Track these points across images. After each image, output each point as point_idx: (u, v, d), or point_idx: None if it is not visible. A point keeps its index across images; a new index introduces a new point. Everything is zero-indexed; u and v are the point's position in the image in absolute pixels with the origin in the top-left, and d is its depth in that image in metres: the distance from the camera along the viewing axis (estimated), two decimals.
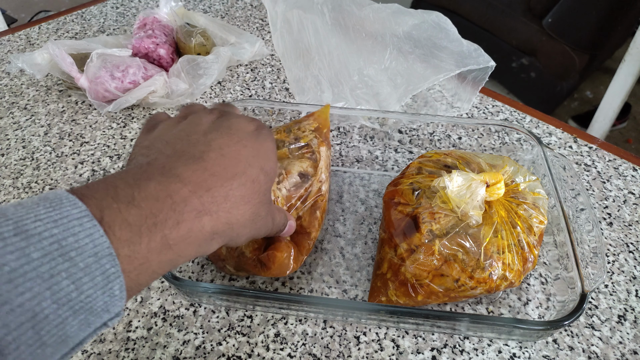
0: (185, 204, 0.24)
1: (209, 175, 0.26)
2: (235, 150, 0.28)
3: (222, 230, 0.27)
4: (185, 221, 0.24)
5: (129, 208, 0.22)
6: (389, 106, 0.58)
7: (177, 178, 0.25)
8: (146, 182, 0.24)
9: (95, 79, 0.62)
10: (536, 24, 1.75)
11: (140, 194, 0.23)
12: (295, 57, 0.61)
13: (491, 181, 0.38)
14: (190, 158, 0.27)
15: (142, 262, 0.23)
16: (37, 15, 1.36)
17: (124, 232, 0.22)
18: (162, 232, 0.23)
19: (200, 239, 0.25)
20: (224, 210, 0.26)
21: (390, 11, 0.60)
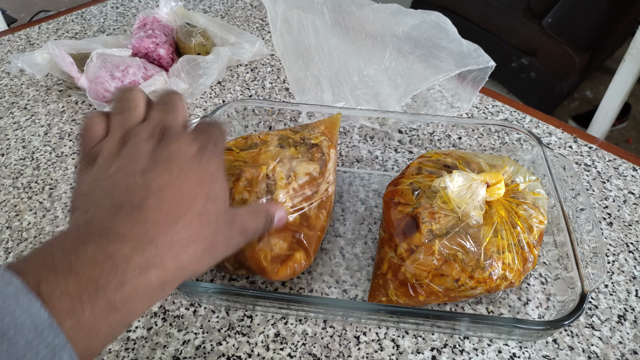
0: (127, 263, 0.23)
1: (150, 226, 0.25)
2: (176, 188, 0.27)
3: (172, 277, 0.26)
4: (129, 280, 0.23)
5: (67, 277, 0.22)
6: (389, 106, 0.58)
7: (116, 237, 0.24)
8: (83, 247, 0.23)
9: (95, 79, 0.62)
10: (536, 24, 1.75)
11: (78, 261, 0.22)
12: (295, 57, 0.61)
13: (491, 181, 0.38)
14: (129, 210, 0.25)
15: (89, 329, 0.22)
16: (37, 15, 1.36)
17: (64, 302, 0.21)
18: (106, 296, 0.22)
19: (149, 293, 0.24)
20: (170, 257, 0.25)
21: (390, 11, 0.60)
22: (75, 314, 0.21)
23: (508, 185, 0.40)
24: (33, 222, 0.50)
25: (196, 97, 0.67)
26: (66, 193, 0.54)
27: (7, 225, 0.50)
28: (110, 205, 0.26)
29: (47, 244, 0.23)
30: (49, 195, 0.53)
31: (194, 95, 0.66)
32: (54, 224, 0.50)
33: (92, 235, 0.24)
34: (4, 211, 0.52)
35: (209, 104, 0.67)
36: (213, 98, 0.68)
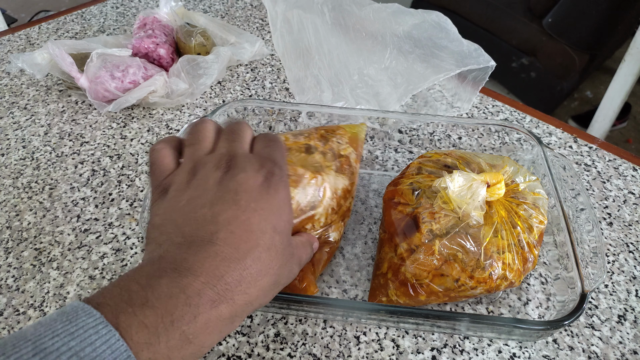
0: (200, 296, 0.24)
1: (220, 261, 0.25)
2: (245, 221, 0.27)
3: (241, 311, 0.26)
4: (202, 314, 0.24)
5: (144, 310, 0.22)
6: (389, 106, 0.58)
7: (188, 271, 0.24)
8: (158, 280, 0.24)
9: (95, 79, 0.62)
10: (536, 24, 1.75)
11: (154, 294, 0.23)
12: (295, 57, 0.61)
13: (492, 181, 0.38)
14: (200, 244, 0.26)
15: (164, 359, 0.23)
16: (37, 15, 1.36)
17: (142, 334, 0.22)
18: (180, 329, 0.23)
19: (220, 326, 0.25)
20: (240, 292, 0.26)
21: (390, 11, 0.60)
22: (152, 346, 0.22)
23: (508, 186, 0.40)
24: (33, 222, 0.50)
25: (196, 97, 0.67)
26: (66, 193, 0.54)
27: (7, 225, 0.50)
28: (182, 239, 0.26)
29: (124, 278, 0.24)
30: (49, 195, 0.53)
31: (194, 95, 0.66)
32: (54, 223, 0.50)
33: (166, 270, 0.24)
34: (4, 211, 0.52)
35: (209, 104, 0.67)
36: (213, 98, 0.68)
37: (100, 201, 0.52)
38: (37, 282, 0.44)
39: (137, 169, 0.56)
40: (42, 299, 0.43)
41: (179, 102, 0.66)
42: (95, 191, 0.54)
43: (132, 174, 0.56)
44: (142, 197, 0.53)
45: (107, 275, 0.45)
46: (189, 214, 0.27)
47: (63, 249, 0.47)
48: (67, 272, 0.45)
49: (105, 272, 0.45)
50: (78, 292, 0.43)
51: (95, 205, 0.52)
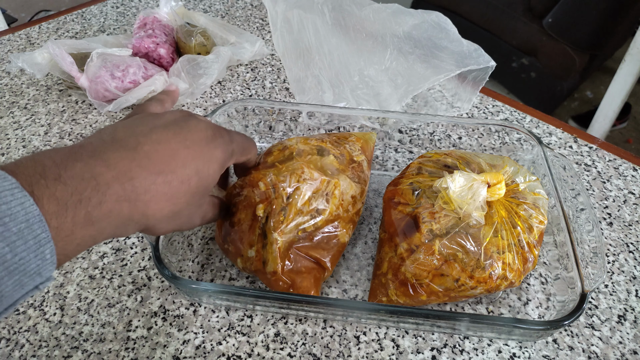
0: (108, 187, 0.26)
1: (135, 166, 0.27)
2: (173, 149, 0.29)
3: (137, 219, 0.28)
4: (107, 202, 0.26)
5: (56, 184, 0.24)
6: (390, 107, 0.58)
7: (103, 162, 0.27)
8: (73, 163, 0.25)
9: (95, 79, 0.62)
10: (536, 24, 1.75)
11: (67, 173, 0.25)
12: (295, 57, 0.61)
13: (492, 181, 0.38)
14: (123, 147, 0.28)
15: (68, 234, 0.24)
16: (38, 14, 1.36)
17: (52, 205, 0.24)
18: (86, 209, 0.25)
19: (118, 222, 0.27)
20: (142, 201, 0.28)
21: (390, 11, 0.60)
22: (60, 217, 0.24)
23: (508, 186, 0.40)
24: None
25: (196, 96, 0.67)
26: None
27: None
28: (110, 138, 0.29)
29: (39, 154, 0.26)
30: None
31: (194, 95, 0.66)
32: None
33: (83, 155, 0.26)
34: None
35: (209, 104, 0.67)
36: (213, 98, 0.68)
37: None
38: None
39: None
40: (42, 299, 0.43)
41: (179, 101, 0.66)
42: None
43: None
44: None
45: (107, 275, 0.45)
46: (131, 126, 0.30)
47: None
48: (67, 272, 0.45)
49: (105, 271, 0.45)
50: (78, 292, 0.43)
51: None
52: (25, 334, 0.40)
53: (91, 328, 0.41)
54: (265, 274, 0.39)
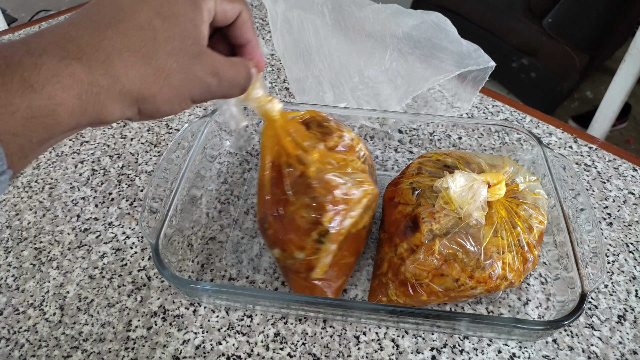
0: (45, 52, 0.23)
1: (74, 27, 0.25)
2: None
3: (107, 84, 0.24)
4: (46, 64, 0.23)
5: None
6: (390, 107, 0.58)
7: (41, 33, 0.24)
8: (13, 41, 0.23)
9: None
10: (536, 24, 1.75)
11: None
12: (295, 57, 0.61)
13: (493, 181, 0.38)
14: (71, 17, 0.25)
15: (6, 106, 0.21)
16: (38, 14, 1.36)
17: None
18: (20, 74, 0.22)
19: (78, 88, 0.23)
20: (99, 60, 0.24)
21: (390, 12, 0.60)
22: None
23: (508, 186, 0.40)
24: (33, 221, 0.50)
25: None
26: (66, 192, 0.54)
27: (7, 225, 0.50)
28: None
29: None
30: (48, 195, 0.53)
31: None
32: (54, 223, 0.50)
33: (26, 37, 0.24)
34: (4, 210, 0.52)
35: (209, 104, 0.67)
36: None
37: (100, 201, 0.52)
38: (37, 282, 0.44)
39: (137, 169, 0.56)
40: (41, 299, 0.43)
41: None
42: (95, 190, 0.54)
43: (132, 174, 0.56)
44: (141, 196, 0.53)
45: (106, 274, 0.45)
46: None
47: (63, 249, 0.47)
48: (66, 272, 0.45)
49: (105, 271, 0.45)
50: (78, 292, 0.43)
51: (95, 204, 0.52)
52: (25, 334, 0.40)
53: (91, 328, 0.41)
54: (300, 276, 0.39)
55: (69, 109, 0.23)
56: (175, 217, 0.44)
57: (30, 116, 0.22)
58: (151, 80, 0.26)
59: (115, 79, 0.25)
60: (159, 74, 0.26)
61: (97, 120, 0.25)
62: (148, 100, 0.26)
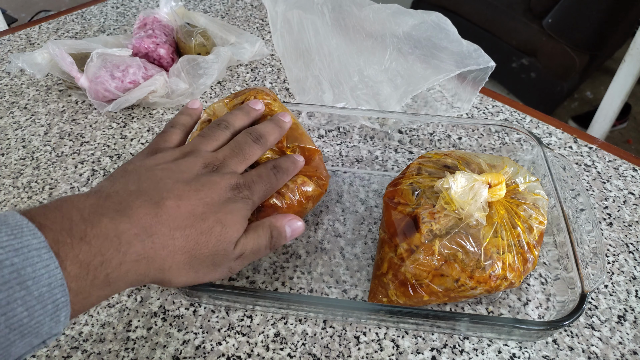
0: (129, 247, 0.26)
1: (157, 223, 0.28)
2: (193, 205, 0.30)
3: (153, 274, 0.28)
4: (126, 263, 0.26)
5: (81, 244, 0.24)
6: (390, 107, 0.58)
7: (128, 218, 0.27)
8: (99, 218, 0.26)
9: (95, 79, 0.62)
10: (536, 24, 1.75)
11: (93, 231, 0.25)
12: (295, 57, 0.61)
13: (493, 182, 0.38)
14: (148, 200, 0.29)
15: (85, 296, 0.24)
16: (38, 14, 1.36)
17: (74, 267, 0.24)
18: (106, 271, 0.25)
19: (133, 279, 0.27)
20: (160, 257, 0.28)
21: (390, 11, 0.60)
22: (80, 280, 0.24)
23: (508, 186, 0.40)
24: None
25: (196, 97, 0.67)
26: (66, 193, 0.54)
27: None
28: (136, 189, 0.29)
29: (68, 202, 0.26)
30: (49, 195, 0.53)
31: (194, 95, 0.66)
32: None
33: (109, 209, 0.27)
34: (3, 211, 0.52)
35: (209, 104, 0.67)
36: (213, 98, 0.68)
37: None
38: None
39: None
40: None
41: (179, 102, 0.66)
42: None
43: None
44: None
45: None
46: (155, 177, 0.31)
47: None
48: None
49: None
50: None
51: None
52: None
53: (91, 328, 0.41)
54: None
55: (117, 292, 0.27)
56: None
57: (95, 302, 0.26)
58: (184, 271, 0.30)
59: (162, 272, 0.29)
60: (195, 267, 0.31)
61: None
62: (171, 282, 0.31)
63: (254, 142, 0.37)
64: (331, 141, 0.59)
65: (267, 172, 0.37)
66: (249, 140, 0.37)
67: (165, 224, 0.28)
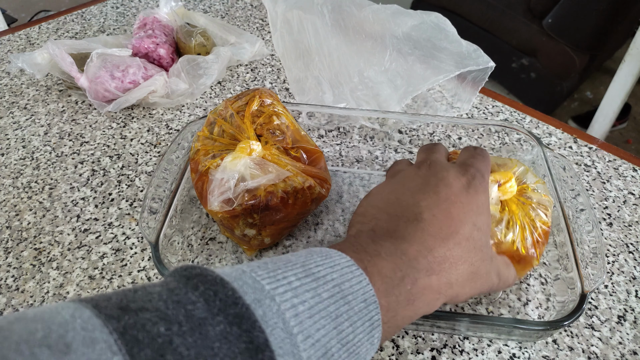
0: (418, 262, 0.26)
1: (428, 236, 0.27)
2: (445, 209, 0.29)
3: (444, 290, 0.27)
4: (421, 279, 0.25)
5: (380, 261, 0.24)
6: (390, 108, 0.58)
7: (402, 239, 0.26)
8: (382, 242, 0.25)
9: (95, 79, 0.62)
10: (536, 24, 1.75)
11: (384, 250, 0.25)
12: (295, 58, 0.61)
13: (502, 180, 0.38)
14: (407, 221, 0.28)
15: (393, 314, 0.24)
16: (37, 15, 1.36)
17: (381, 283, 0.23)
18: (406, 287, 0.24)
19: (430, 298, 0.26)
20: (445, 270, 0.27)
21: (389, 12, 0.60)
22: (387, 296, 0.23)
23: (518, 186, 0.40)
24: (33, 221, 0.50)
25: (196, 97, 0.67)
26: (66, 193, 0.54)
27: (7, 225, 0.50)
28: (387, 217, 0.29)
29: (342, 244, 0.26)
30: (48, 195, 0.53)
31: (194, 95, 0.66)
32: (54, 223, 0.50)
33: (383, 236, 0.26)
34: (3, 211, 0.52)
35: (209, 104, 0.67)
36: (213, 98, 0.68)
37: (100, 201, 0.52)
38: (37, 282, 0.44)
39: (137, 169, 0.56)
40: (41, 299, 0.43)
41: (179, 102, 0.66)
42: (95, 191, 0.54)
43: (132, 174, 0.56)
44: (141, 197, 0.53)
45: (106, 275, 0.45)
46: (391, 200, 0.30)
47: (63, 249, 0.47)
48: (66, 272, 0.45)
49: (105, 272, 0.45)
50: (78, 292, 0.43)
51: (95, 205, 0.52)
52: None
53: None
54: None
55: (418, 317, 0.26)
56: (175, 217, 0.44)
57: (399, 325, 0.25)
58: (467, 282, 0.29)
59: (451, 287, 0.28)
60: (473, 277, 0.29)
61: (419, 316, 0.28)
62: (459, 296, 0.29)
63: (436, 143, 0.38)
64: (331, 141, 0.59)
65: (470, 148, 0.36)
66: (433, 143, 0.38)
67: (435, 236, 0.27)
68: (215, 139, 0.43)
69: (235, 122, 0.43)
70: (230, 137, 0.43)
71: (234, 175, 0.38)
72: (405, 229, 0.27)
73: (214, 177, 0.39)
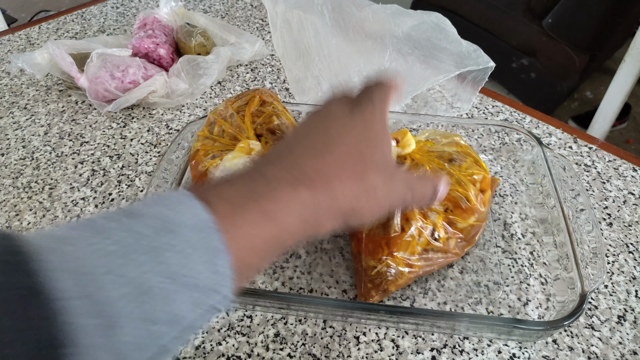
0: (279, 180, 0.25)
1: (297, 156, 0.27)
2: (323, 129, 0.29)
3: (325, 202, 0.26)
4: (280, 191, 0.25)
5: (226, 187, 0.24)
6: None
7: (268, 163, 0.27)
8: (240, 172, 0.26)
9: (95, 79, 0.62)
10: (536, 24, 1.75)
11: (236, 179, 0.25)
12: (295, 58, 0.61)
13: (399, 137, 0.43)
14: (280, 148, 0.28)
15: (244, 236, 0.23)
16: (37, 15, 1.36)
17: (223, 207, 0.23)
18: (259, 204, 0.24)
19: (303, 211, 0.25)
20: (320, 182, 0.26)
21: (389, 12, 0.60)
22: (232, 218, 0.23)
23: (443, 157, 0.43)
24: (33, 221, 0.50)
25: (196, 97, 0.67)
26: (66, 193, 0.54)
27: (7, 225, 0.50)
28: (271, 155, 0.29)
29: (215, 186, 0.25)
30: (48, 195, 0.53)
31: (194, 95, 0.66)
32: (54, 223, 0.50)
33: (250, 169, 0.27)
34: (4, 211, 0.52)
35: (209, 104, 0.67)
36: (213, 98, 0.68)
37: (100, 201, 0.52)
38: None
39: (137, 169, 0.56)
40: None
41: (179, 102, 0.66)
42: (95, 191, 0.54)
43: (132, 174, 0.56)
44: (141, 197, 0.53)
45: None
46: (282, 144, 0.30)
47: None
48: None
49: None
50: None
51: (95, 205, 0.52)
52: None
53: None
54: None
55: (294, 233, 0.25)
56: None
57: (264, 247, 0.24)
58: (362, 197, 0.28)
59: (334, 200, 0.27)
60: (368, 191, 0.28)
61: (310, 238, 0.27)
62: (357, 213, 0.28)
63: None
64: None
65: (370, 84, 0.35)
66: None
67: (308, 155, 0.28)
68: (215, 139, 0.43)
69: (235, 122, 0.43)
70: (230, 137, 0.43)
71: None
72: (276, 156, 0.28)
73: (213, 176, 0.39)
